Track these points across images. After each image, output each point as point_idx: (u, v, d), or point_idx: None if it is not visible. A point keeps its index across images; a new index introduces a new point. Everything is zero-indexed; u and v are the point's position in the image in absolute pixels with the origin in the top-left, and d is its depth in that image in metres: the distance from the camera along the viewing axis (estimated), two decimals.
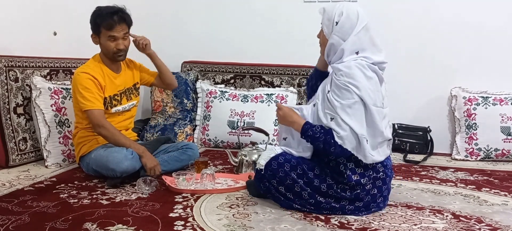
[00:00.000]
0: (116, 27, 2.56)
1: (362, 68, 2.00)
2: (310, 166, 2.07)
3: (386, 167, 2.10)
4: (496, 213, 2.12)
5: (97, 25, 2.57)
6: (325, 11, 2.14)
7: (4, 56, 2.80)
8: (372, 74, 2.02)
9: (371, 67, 2.03)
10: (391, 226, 1.93)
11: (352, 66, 2.00)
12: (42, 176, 2.61)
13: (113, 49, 2.59)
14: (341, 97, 1.98)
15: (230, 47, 3.93)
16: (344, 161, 2.03)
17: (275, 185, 2.11)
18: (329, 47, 2.11)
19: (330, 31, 2.10)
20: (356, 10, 2.08)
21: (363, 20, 2.06)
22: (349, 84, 1.97)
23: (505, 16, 3.46)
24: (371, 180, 2.04)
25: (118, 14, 2.57)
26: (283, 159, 2.10)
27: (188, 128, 3.67)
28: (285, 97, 3.57)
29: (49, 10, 3.22)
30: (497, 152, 3.26)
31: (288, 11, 3.81)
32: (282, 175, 2.08)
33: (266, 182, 2.13)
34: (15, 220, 1.92)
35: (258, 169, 2.18)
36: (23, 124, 2.88)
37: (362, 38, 2.06)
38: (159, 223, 1.91)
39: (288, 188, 2.08)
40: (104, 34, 2.57)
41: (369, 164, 2.03)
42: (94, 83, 2.55)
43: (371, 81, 2.00)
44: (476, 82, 3.47)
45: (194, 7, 3.99)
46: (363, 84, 1.97)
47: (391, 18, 3.63)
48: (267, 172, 2.12)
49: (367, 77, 2.00)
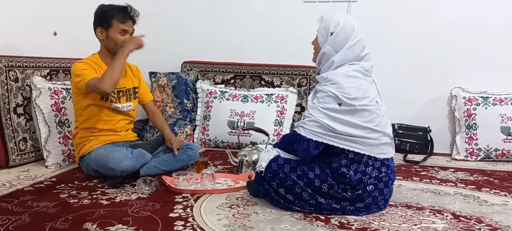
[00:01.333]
0: (128, 22, 2.63)
1: (347, 73, 2.06)
2: (311, 167, 2.07)
3: (389, 168, 2.10)
4: (496, 213, 2.12)
5: (109, 17, 2.59)
6: (322, 20, 2.17)
7: (4, 56, 2.80)
8: (356, 74, 2.07)
9: (357, 70, 2.08)
10: (391, 226, 1.93)
11: (338, 73, 2.06)
12: (42, 176, 2.61)
13: (121, 43, 2.62)
14: (317, 99, 2.06)
15: (230, 47, 3.93)
16: (346, 163, 2.03)
17: (275, 187, 2.10)
18: (321, 56, 2.15)
19: (324, 40, 2.13)
20: (352, 24, 2.10)
21: (357, 35, 2.10)
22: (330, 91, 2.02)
23: (505, 16, 3.46)
24: (373, 180, 2.05)
25: (131, 11, 2.65)
26: (283, 160, 2.11)
27: (188, 128, 3.67)
28: (285, 97, 3.57)
29: (49, 10, 3.23)
30: (497, 152, 3.26)
31: (288, 11, 3.81)
32: (282, 176, 2.08)
33: (266, 184, 2.13)
34: (15, 220, 1.92)
35: (258, 171, 2.18)
36: (23, 124, 2.88)
37: (355, 51, 2.10)
38: (159, 223, 1.91)
39: (288, 189, 2.08)
40: (116, 27, 2.59)
41: (370, 162, 2.04)
42: (89, 66, 2.58)
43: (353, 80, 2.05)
44: (476, 82, 3.47)
45: (194, 7, 3.99)
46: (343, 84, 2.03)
47: (391, 18, 3.63)
48: (267, 174, 2.12)
49: (349, 77, 2.05)
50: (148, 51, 3.91)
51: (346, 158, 2.04)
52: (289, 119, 3.53)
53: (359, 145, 2.02)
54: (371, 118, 2.04)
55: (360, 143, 2.02)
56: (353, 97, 2.01)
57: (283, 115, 3.51)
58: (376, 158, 2.06)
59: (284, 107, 3.53)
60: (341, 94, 2.01)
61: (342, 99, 2.01)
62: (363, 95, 2.04)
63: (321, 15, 2.20)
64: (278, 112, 3.51)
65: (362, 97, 2.03)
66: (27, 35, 3.04)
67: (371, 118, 2.04)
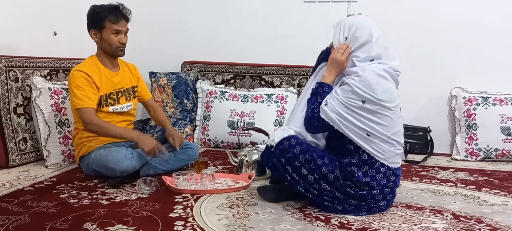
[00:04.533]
0: (121, 22, 2.61)
1: (377, 72, 2.01)
2: (320, 155, 2.06)
3: (397, 176, 2.10)
4: (496, 213, 2.12)
5: (101, 19, 2.59)
6: (337, 25, 2.15)
7: (4, 56, 2.80)
8: (386, 75, 2.02)
9: (387, 71, 2.03)
10: (391, 226, 1.93)
11: (368, 69, 2.01)
12: (42, 176, 2.61)
13: (116, 43, 2.61)
14: (341, 91, 2.01)
15: (230, 47, 3.93)
16: (357, 163, 2.03)
17: (283, 163, 2.10)
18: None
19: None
20: (368, 26, 2.07)
21: (373, 35, 2.06)
22: (357, 87, 1.97)
23: (505, 16, 3.46)
24: (380, 187, 2.04)
25: (123, 9, 2.63)
26: (295, 141, 2.09)
27: (188, 128, 3.67)
28: (285, 97, 3.57)
29: (49, 10, 3.23)
30: (497, 152, 3.26)
31: (288, 11, 3.81)
32: (291, 156, 2.06)
33: (275, 159, 2.12)
34: (15, 220, 1.92)
35: (268, 145, 2.17)
36: (23, 124, 2.88)
37: (375, 48, 2.05)
38: (159, 223, 1.91)
39: (295, 169, 2.07)
40: (108, 28, 2.59)
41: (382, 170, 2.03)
42: (87, 81, 2.56)
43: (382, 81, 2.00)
44: (476, 82, 3.47)
45: (194, 7, 3.99)
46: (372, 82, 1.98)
47: (391, 18, 3.63)
48: (276, 151, 2.11)
49: (379, 76, 2.00)
50: (148, 51, 3.95)
51: (359, 158, 2.03)
52: None
53: (374, 149, 2.00)
54: (392, 125, 2.01)
55: (376, 147, 2.00)
56: (379, 99, 1.97)
57: (283, 115, 3.51)
58: (389, 166, 2.05)
59: (284, 108, 3.53)
60: (367, 92, 1.96)
61: (367, 97, 1.96)
62: (389, 99, 2.00)
63: (337, 21, 2.17)
64: (278, 113, 3.52)
65: (388, 101, 1.99)
66: (27, 35, 3.04)
67: (392, 125, 2.01)
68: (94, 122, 2.51)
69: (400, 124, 2.07)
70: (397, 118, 2.04)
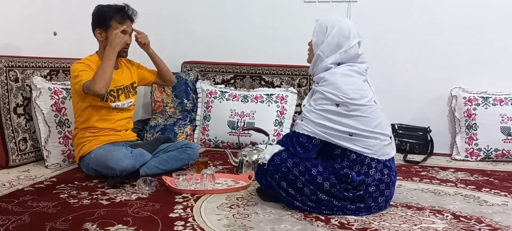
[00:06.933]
0: (127, 21, 2.63)
1: (344, 73, 2.06)
2: (313, 164, 2.07)
3: (391, 169, 2.10)
4: (496, 213, 2.12)
5: (108, 18, 2.59)
6: (318, 23, 2.17)
7: (4, 56, 2.80)
8: (353, 73, 2.08)
9: (352, 69, 2.09)
10: (391, 226, 1.93)
11: (335, 73, 2.06)
12: (42, 176, 2.61)
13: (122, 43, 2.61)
14: (314, 101, 2.06)
15: (230, 47, 3.93)
16: (348, 164, 2.04)
17: (277, 180, 2.10)
18: (316, 58, 2.15)
19: (320, 43, 2.13)
20: (348, 28, 2.10)
21: (354, 39, 2.09)
22: (327, 92, 2.02)
23: (505, 16, 3.46)
24: (376, 182, 2.04)
25: (128, 10, 2.65)
26: (287, 155, 2.10)
27: (188, 128, 3.67)
28: (285, 97, 3.57)
29: (49, 10, 3.22)
30: (497, 152, 3.26)
31: (288, 11, 3.81)
32: (285, 170, 2.07)
33: (268, 177, 2.13)
34: (15, 220, 1.92)
35: (261, 163, 2.18)
36: (23, 124, 2.88)
37: (350, 53, 2.10)
38: (159, 223, 1.91)
39: (290, 183, 2.07)
40: (114, 28, 2.60)
41: (373, 164, 2.04)
42: (88, 67, 2.57)
43: (350, 80, 2.05)
44: (476, 82, 3.47)
45: (195, 7, 3.99)
46: (340, 84, 2.03)
47: (391, 18, 3.63)
48: (270, 167, 2.11)
49: (346, 76, 2.06)
50: None
51: (348, 159, 2.04)
52: (289, 119, 3.54)
53: (360, 146, 2.02)
54: (371, 118, 2.04)
55: (361, 144, 2.02)
56: (351, 98, 2.01)
57: (283, 115, 3.51)
58: (379, 160, 2.06)
59: (284, 108, 3.53)
60: (338, 95, 2.01)
61: (339, 100, 2.00)
62: (361, 95, 2.04)
63: (318, 18, 2.20)
64: (278, 113, 3.52)
65: (360, 98, 2.03)
66: (27, 35, 3.04)
67: (371, 118, 2.03)
68: (93, 81, 2.44)
69: (380, 116, 2.08)
70: (374, 111, 2.06)
